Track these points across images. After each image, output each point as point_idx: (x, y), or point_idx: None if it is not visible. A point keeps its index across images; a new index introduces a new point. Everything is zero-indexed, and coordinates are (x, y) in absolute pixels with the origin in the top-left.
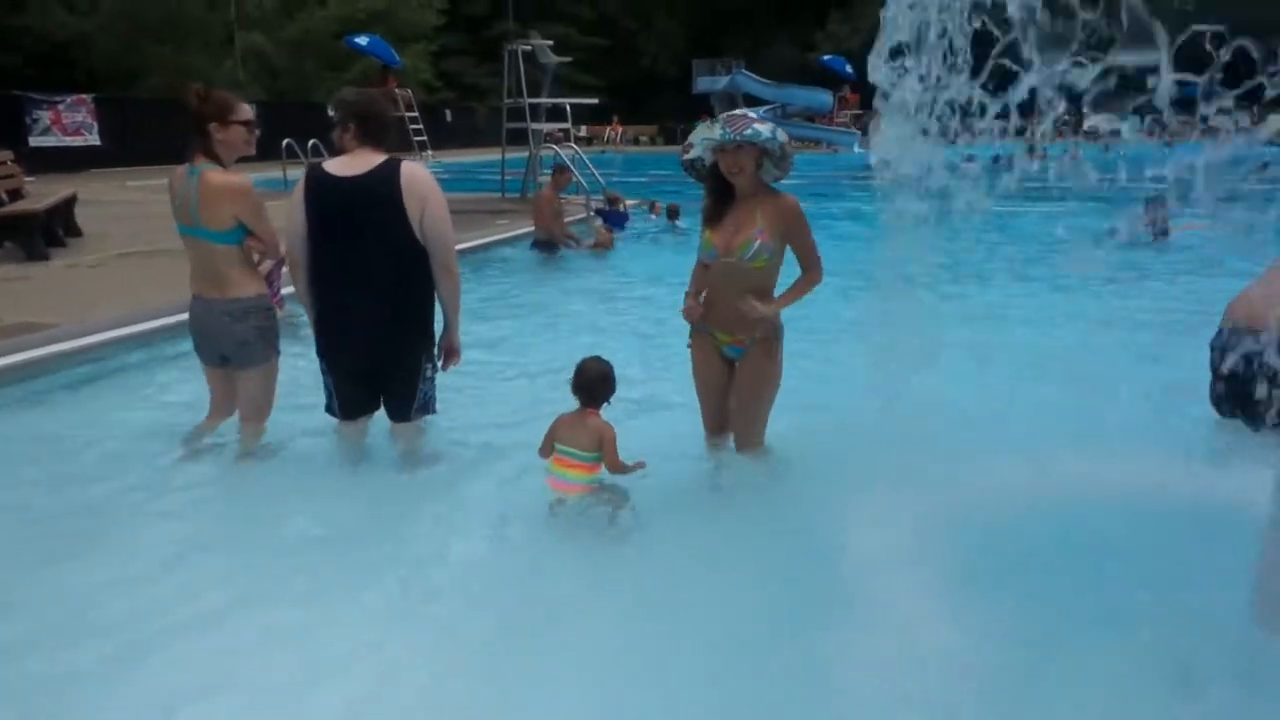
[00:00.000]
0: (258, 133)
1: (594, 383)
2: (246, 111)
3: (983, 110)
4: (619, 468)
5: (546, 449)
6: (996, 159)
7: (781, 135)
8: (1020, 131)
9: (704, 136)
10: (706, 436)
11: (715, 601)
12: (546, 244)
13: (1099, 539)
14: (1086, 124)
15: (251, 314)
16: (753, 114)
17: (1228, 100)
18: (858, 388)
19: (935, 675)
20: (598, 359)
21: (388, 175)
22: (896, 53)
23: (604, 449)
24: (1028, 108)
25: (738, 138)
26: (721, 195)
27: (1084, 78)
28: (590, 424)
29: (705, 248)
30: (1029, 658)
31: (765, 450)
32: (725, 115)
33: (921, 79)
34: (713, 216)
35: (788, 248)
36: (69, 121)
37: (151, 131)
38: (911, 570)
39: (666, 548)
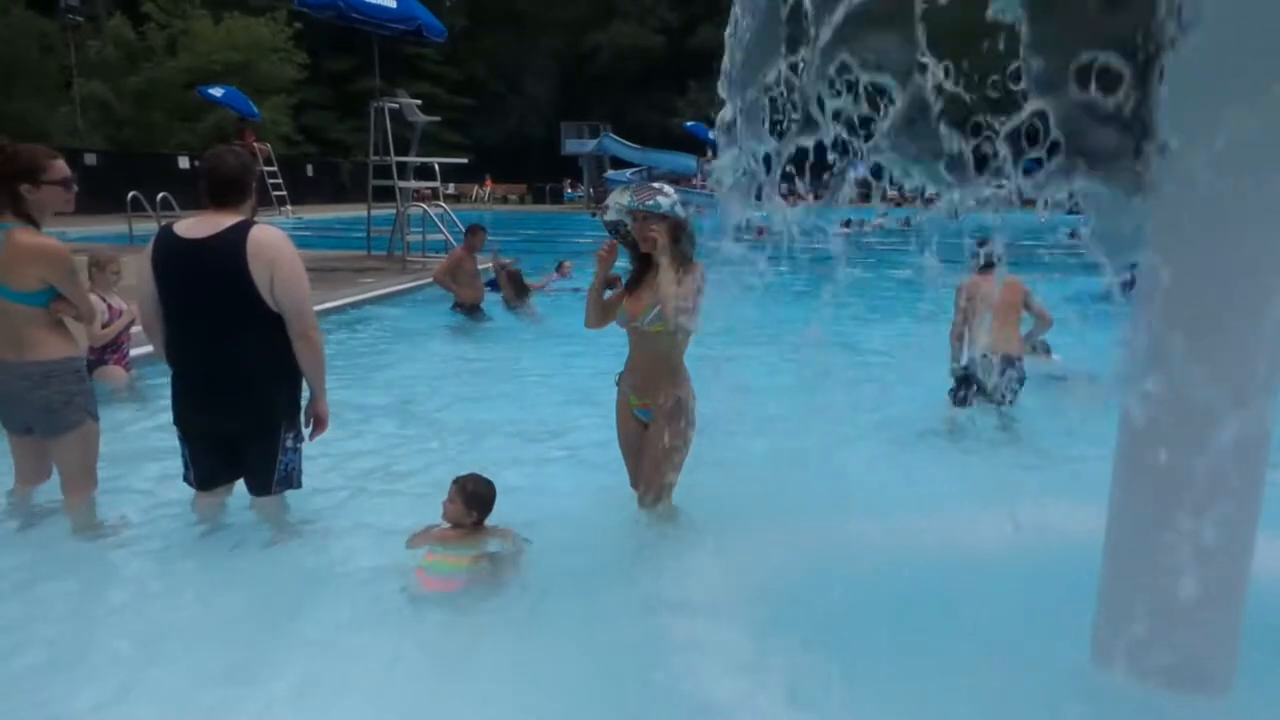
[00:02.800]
0: (75, 189)
1: (483, 501)
2: (61, 170)
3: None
4: (506, 540)
5: (420, 542)
6: (847, 223)
7: (680, 210)
8: (865, 197)
9: (617, 202)
10: (633, 491)
11: (599, 663)
12: (467, 307)
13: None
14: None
15: (54, 378)
16: (663, 186)
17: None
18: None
19: None
20: (478, 479)
21: (233, 239)
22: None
23: (495, 535)
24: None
25: (641, 206)
26: (642, 264)
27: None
28: (484, 533)
29: (620, 313)
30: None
31: (671, 511)
32: (636, 185)
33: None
34: (631, 283)
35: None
36: None
37: None
38: (782, 637)
39: (550, 614)
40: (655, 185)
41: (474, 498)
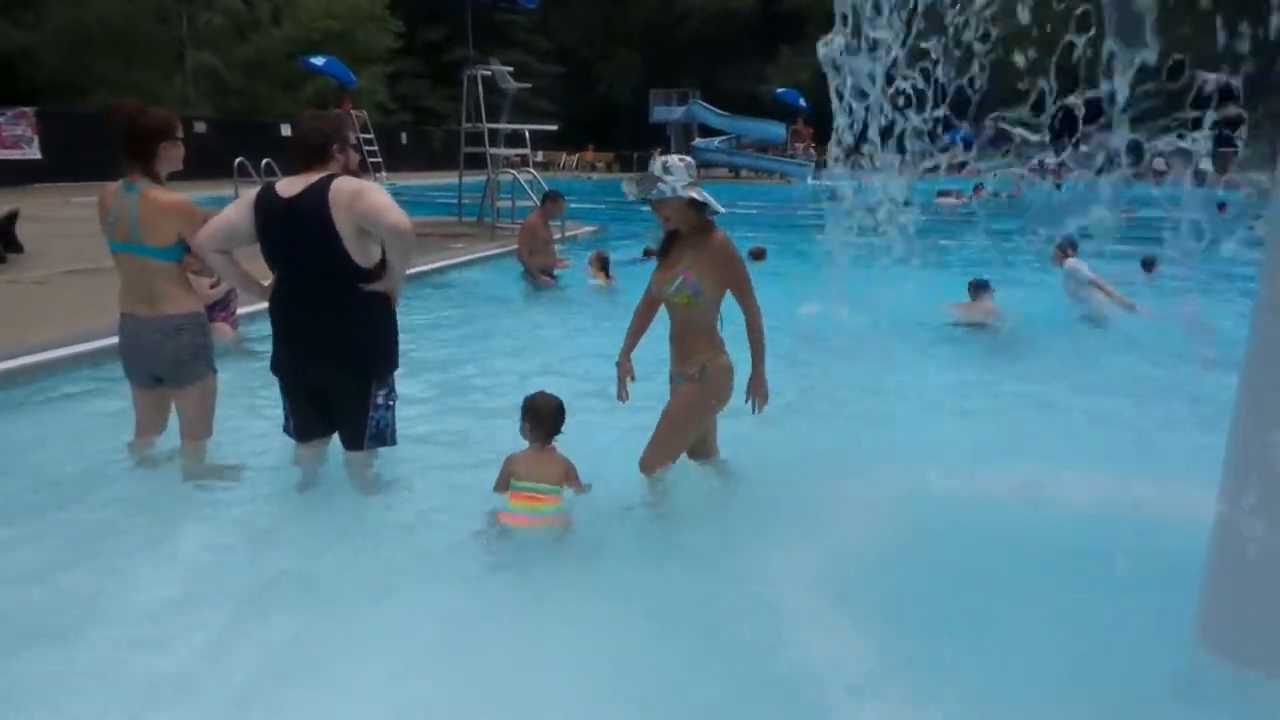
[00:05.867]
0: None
1: (550, 418)
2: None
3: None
4: (581, 491)
5: (502, 486)
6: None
7: (680, 187)
8: (963, 166)
9: (628, 191)
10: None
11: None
12: (538, 273)
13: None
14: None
15: (185, 330)
16: (668, 163)
17: None
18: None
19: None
20: (545, 394)
21: (317, 193)
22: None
23: (571, 482)
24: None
25: (646, 196)
26: (671, 234)
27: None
28: (553, 459)
29: (651, 282)
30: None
31: (656, 479)
32: (640, 176)
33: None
34: (660, 253)
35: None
36: (8, 135)
37: (96, 146)
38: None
39: (610, 575)
40: (658, 171)
41: (535, 417)
